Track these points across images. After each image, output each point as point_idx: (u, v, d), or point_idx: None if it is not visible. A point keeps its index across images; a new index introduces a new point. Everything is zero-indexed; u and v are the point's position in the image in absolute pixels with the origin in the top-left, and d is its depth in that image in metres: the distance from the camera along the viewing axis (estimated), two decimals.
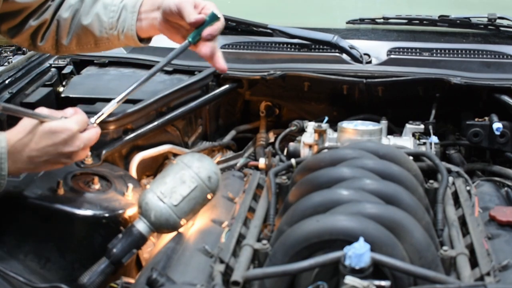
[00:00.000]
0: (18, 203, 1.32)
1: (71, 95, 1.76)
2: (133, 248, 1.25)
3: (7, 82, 1.71)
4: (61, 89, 1.81)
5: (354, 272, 0.93)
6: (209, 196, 1.30)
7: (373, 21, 2.05)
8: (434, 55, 1.90)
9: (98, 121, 1.31)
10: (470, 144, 1.69)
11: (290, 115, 1.93)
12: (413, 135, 1.64)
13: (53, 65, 1.87)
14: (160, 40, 2.04)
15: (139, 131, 1.63)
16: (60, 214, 1.32)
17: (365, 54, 1.90)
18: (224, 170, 1.67)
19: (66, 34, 1.54)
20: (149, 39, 1.56)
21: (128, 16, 1.49)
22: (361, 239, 0.96)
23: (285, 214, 1.17)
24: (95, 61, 1.96)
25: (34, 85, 1.76)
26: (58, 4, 1.54)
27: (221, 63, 1.41)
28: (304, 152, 1.59)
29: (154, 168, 1.73)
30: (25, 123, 1.22)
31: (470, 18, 1.99)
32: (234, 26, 2.05)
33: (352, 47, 1.90)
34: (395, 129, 1.75)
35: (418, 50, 1.93)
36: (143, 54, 1.98)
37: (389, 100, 1.85)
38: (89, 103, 1.66)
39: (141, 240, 1.26)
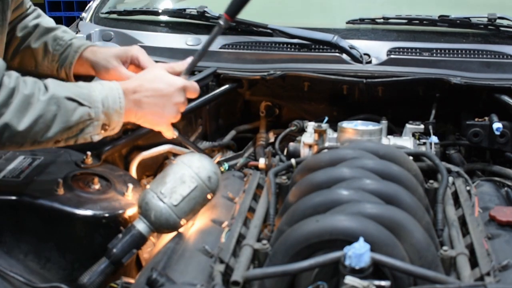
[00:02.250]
0: (18, 203, 1.32)
1: None
2: (133, 248, 1.25)
3: None
4: None
5: (354, 272, 0.93)
6: (209, 196, 1.30)
7: (373, 21, 2.05)
8: (434, 55, 1.90)
9: (186, 70, 1.48)
10: (470, 144, 1.69)
11: (290, 115, 1.93)
12: (413, 135, 1.64)
13: None
14: (160, 40, 2.06)
15: (139, 131, 1.63)
16: (60, 214, 1.32)
17: (365, 54, 1.90)
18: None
19: (11, 51, 1.64)
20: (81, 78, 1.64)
21: (71, 54, 1.62)
22: (361, 239, 0.96)
23: (285, 214, 1.17)
24: None
25: None
26: (16, 23, 1.63)
27: None
28: (304, 152, 1.59)
29: (154, 168, 1.73)
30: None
31: (470, 18, 1.98)
32: (234, 26, 2.05)
33: (352, 47, 1.90)
34: (395, 129, 1.75)
35: (418, 50, 1.92)
36: None
37: (389, 100, 1.85)
38: None
39: (141, 240, 1.26)
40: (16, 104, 1.20)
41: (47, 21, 1.70)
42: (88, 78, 1.60)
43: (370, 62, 1.89)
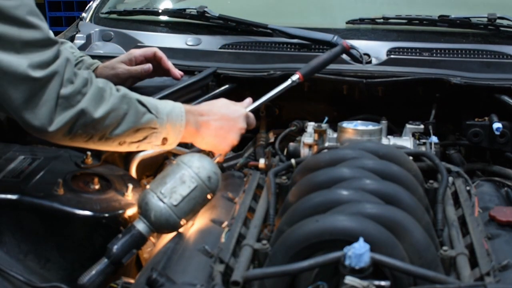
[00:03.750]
0: (18, 203, 1.31)
1: None
2: (133, 248, 1.25)
3: None
4: None
5: (354, 272, 0.93)
6: (209, 196, 1.30)
7: (373, 21, 2.05)
8: (434, 55, 1.90)
9: (250, 108, 1.59)
10: (470, 144, 1.69)
11: (290, 115, 1.92)
12: (413, 135, 1.64)
13: None
14: (160, 40, 2.06)
15: None
16: (60, 214, 1.32)
17: (365, 54, 1.90)
18: (224, 170, 1.67)
19: None
20: None
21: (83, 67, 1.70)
22: (361, 239, 0.96)
23: (285, 214, 1.17)
24: None
25: None
26: None
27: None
28: (304, 152, 1.59)
29: (154, 168, 1.73)
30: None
31: (470, 18, 1.98)
32: (234, 26, 2.05)
33: (352, 47, 1.90)
34: (395, 129, 1.75)
35: (418, 50, 1.93)
36: None
37: (389, 100, 1.85)
38: None
39: (141, 240, 1.26)
40: (91, 94, 1.26)
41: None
42: None
43: (370, 62, 1.89)
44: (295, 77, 1.62)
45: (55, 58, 1.21)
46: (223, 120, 1.51)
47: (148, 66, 1.77)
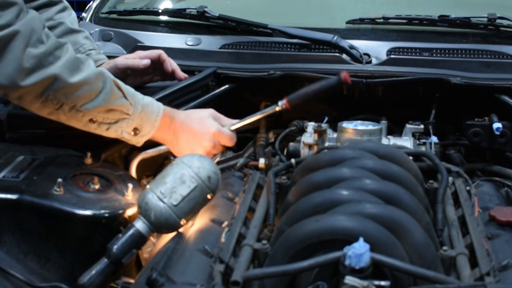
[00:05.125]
0: (18, 203, 1.32)
1: None
2: (133, 248, 1.25)
3: None
4: None
5: (354, 272, 0.93)
6: (209, 196, 1.30)
7: (373, 21, 2.05)
8: (434, 55, 1.90)
9: (233, 127, 1.58)
10: (470, 144, 1.69)
11: (290, 115, 1.92)
12: (413, 135, 1.64)
13: None
14: (160, 40, 2.06)
15: None
16: (60, 214, 1.32)
17: (365, 54, 1.90)
18: (224, 170, 1.67)
19: None
20: None
21: None
22: (361, 239, 0.96)
23: (285, 214, 1.17)
24: None
25: None
26: (38, 8, 1.65)
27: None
28: (304, 152, 1.59)
29: (154, 168, 1.73)
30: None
31: (470, 18, 1.98)
32: (234, 26, 2.05)
33: (352, 47, 1.90)
34: (395, 129, 1.74)
35: (418, 50, 1.92)
36: None
37: (389, 100, 1.84)
38: None
39: (141, 240, 1.26)
40: (66, 60, 1.29)
41: (71, 19, 1.75)
42: None
43: (370, 62, 1.89)
44: (282, 103, 1.59)
45: (14, 18, 1.23)
46: (191, 133, 1.50)
47: (147, 61, 1.76)
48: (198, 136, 1.51)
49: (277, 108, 1.60)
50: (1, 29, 1.22)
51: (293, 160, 1.46)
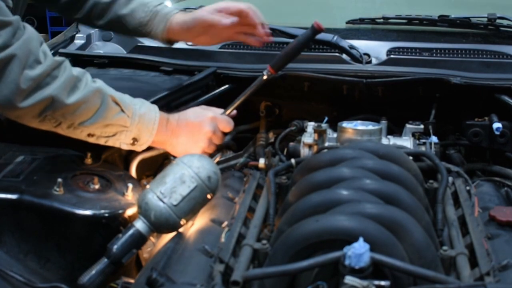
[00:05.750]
0: (18, 203, 1.32)
1: None
2: (133, 248, 1.25)
3: None
4: None
5: (354, 272, 0.93)
6: (209, 196, 1.30)
7: (373, 21, 2.05)
8: (434, 55, 1.90)
9: (227, 112, 1.58)
10: (470, 144, 1.69)
11: (290, 115, 1.92)
12: (413, 135, 1.64)
13: None
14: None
15: None
16: (60, 214, 1.32)
17: (365, 54, 1.90)
18: (224, 170, 1.67)
19: (101, 17, 1.73)
20: (173, 42, 1.78)
21: (157, 20, 1.70)
22: (361, 239, 0.96)
23: (285, 214, 1.17)
24: (95, 61, 1.96)
25: None
26: None
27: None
28: (304, 152, 1.59)
29: (154, 168, 1.73)
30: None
31: (470, 18, 1.98)
32: None
33: (352, 47, 1.90)
34: (395, 129, 1.75)
35: (418, 50, 1.93)
36: (142, 54, 1.99)
37: (389, 100, 1.85)
38: None
39: (141, 240, 1.26)
40: (64, 80, 1.28)
41: None
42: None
43: (370, 62, 1.89)
44: (266, 71, 1.60)
45: (10, 38, 1.21)
46: (189, 126, 1.50)
47: (233, 19, 1.64)
48: (196, 125, 1.51)
49: (264, 77, 1.60)
50: None
51: (293, 160, 1.46)
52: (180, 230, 1.29)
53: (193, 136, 1.50)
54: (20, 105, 1.24)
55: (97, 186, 1.42)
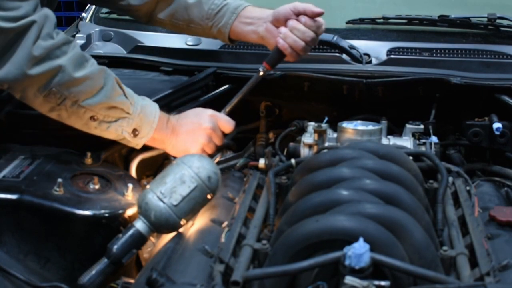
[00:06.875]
0: (18, 203, 1.32)
1: None
2: (133, 248, 1.25)
3: None
4: None
5: (354, 272, 0.93)
6: (209, 196, 1.30)
7: (373, 21, 2.05)
8: (434, 55, 1.90)
9: (226, 110, 1.60)
10: (470, 144, 1.69)
11: (290, 115, 1.92)
12: (413, 135, 1.64)
13: None
14: (160, 40, 2.06)
15: None
16: (60, 214, 1.32)
17: (365, 54, 1.90)
18: (224, 170, 1.67)
19: (165, 6, 1.72)
20: (235, 41, 1.75)
21: (227, 14, 1.67)
22: (361, 239, 0.96)
23: (285, 214, 1.17)
24: None
25: None
26: None
27: None
28: (304, 152, 1.59)
29: (154, 168, 1.73)
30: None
31: (470, 18, 1.98)
32: None
33: (352, 47, 1.90)
34: (395, 129, 1.75)
35: (418, 50, 1.93)
36: (142, 54, 1.99)
37: (389, 100, 1.85)
38: None
39: (141, 240, 1.26)
40: (72, 55, 1.33)
41: None
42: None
43: (370, 62, 1.89)
44: (262, 67, 1.61)
45: (32, 11, 1.29)
46: (189, 123, 1.52)
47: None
48: (196, 123, 1.52)
49: (260, 73, 1.62)
50: (19, 19, 1.27)
51: (293, 160, 1.46)
52: (180, 230, 1.29)
53: (193, 132, 1.51)
54: (29, 71, 1.28)
55: (97, 186, 1.42)
